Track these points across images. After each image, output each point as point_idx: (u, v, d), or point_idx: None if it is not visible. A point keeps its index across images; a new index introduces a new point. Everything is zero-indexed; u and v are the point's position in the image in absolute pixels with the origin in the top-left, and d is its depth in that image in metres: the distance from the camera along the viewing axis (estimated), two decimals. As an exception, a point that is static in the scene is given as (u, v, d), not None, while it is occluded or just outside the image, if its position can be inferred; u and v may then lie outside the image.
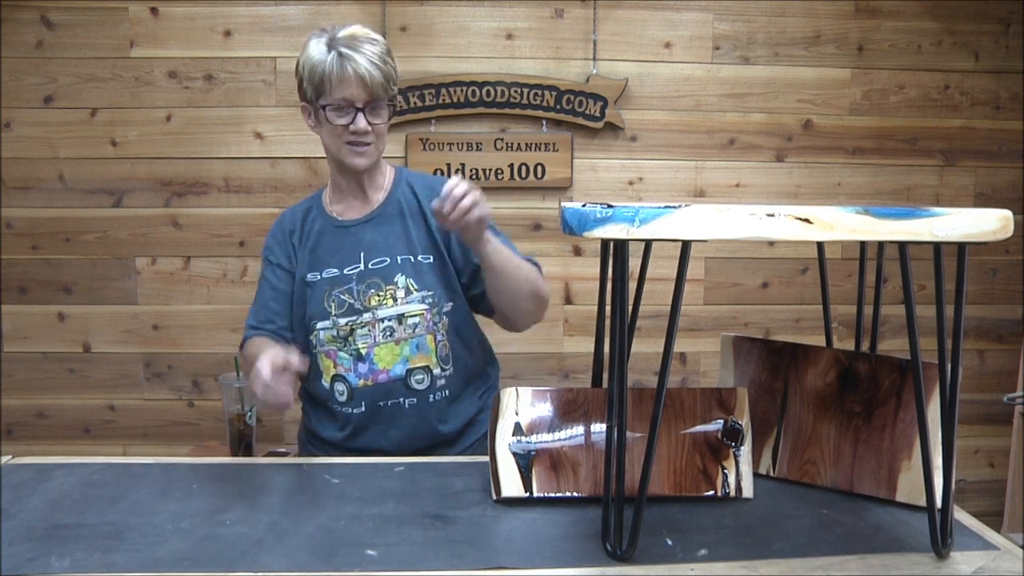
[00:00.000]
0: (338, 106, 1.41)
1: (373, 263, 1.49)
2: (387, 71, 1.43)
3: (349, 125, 1.42)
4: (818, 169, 2.55)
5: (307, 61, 1.42)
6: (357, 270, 1.49)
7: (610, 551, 1.02)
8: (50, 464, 1.32)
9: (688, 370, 2.61)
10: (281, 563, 0.99)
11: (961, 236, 0.94)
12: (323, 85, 1.41)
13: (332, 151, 1.48)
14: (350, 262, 1.50)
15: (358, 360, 1.47)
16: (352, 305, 1.47)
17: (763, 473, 1.28)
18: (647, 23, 2.46)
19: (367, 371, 1.47)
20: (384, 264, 1.49)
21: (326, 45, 1.40)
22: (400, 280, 1.48)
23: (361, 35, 1.42)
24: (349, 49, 1.39)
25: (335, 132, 1.44)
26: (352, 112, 1.41)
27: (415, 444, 1.49)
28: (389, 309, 1.46)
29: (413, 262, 1.49)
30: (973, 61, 2.54)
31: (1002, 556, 1.04)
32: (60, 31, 2.39)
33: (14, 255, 2.46)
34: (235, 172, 2.46)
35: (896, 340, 2.54)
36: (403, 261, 1.49)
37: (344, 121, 1.42)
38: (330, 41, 1.40)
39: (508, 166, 2.45)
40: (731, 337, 1.35)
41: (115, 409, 2.53)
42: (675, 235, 0.90)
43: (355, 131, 1.42)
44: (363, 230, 1.52)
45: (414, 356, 1.47)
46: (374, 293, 1.47)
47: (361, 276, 1.48)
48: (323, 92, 1.41)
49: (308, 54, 1.42)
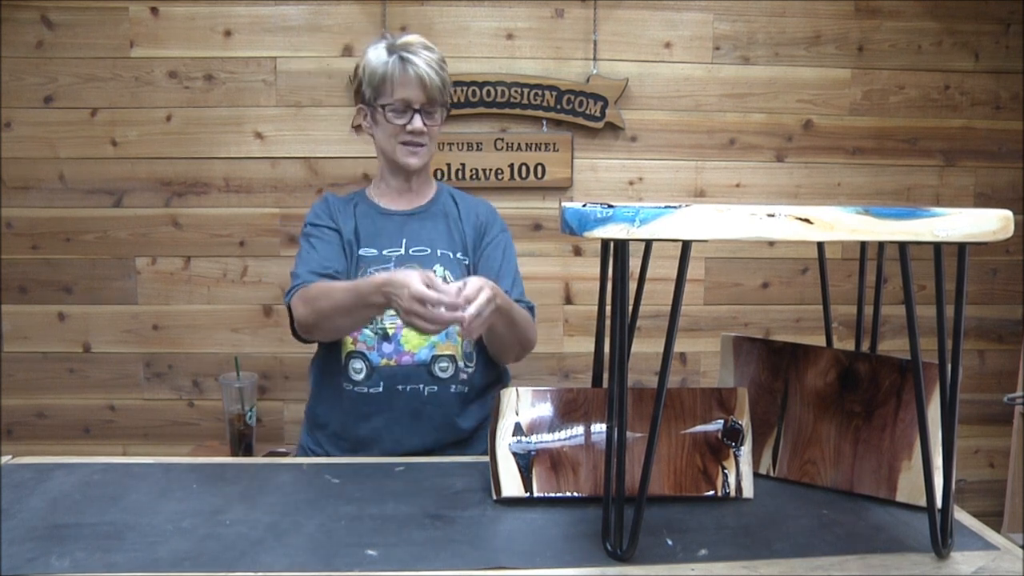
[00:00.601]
0: (396, 107, 1.50)
1: (414, 250, 1.54)
2: (444, 76, 1.53)
3: (406, 125, 1.51)
4: (818, 169, 2.55)
5: (367, 65, 1.52)
6: (397, 253, 1.53)
7: (610, 551, 1.02)
8: (50, 464, 1.32)
9: (688, 370, 2.61)
10: (281, 563, 0.99)
11: (961, 236, 0.94)
12: (383, 86, 1.50)
13: (387, 150, 1.56)
14: (391, 245, 1.54)
15: (383, 339, 1.48)
16: None
17: (763, 473, 1.28)
18: (647, 23, 2.46)
19: (392, 351, 1.48)
20: (425, 253, 1.53)
21: (386, 50, 1.51)
22: (439, 270, 1.52)
23: (418, 42, 1.52)
24: (409, 53, 1.49)
25: (391, 131, 1.52)
26: (410, 113, 1.51)
27: (427, 436, 1.49)
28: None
29: (452, 258, 1.55)
30: (973, 61, 2.54)
31: (1002, 556, 1.04)
32: (60, 31, 2.38)
33: (14, 255, 2.46)
34: (235, 172, 2.46)
35: (896, 340, 2.54)
36: (443, 255, 1.54)
37: (402, 121, 1.51)
38: (390, 47, 1.51)
39: (508, 166, 2.44)
40: (731, 337, 1.35)
41: (115, 409, 2.53)
42: (675, 235, 0.90)
43: (412, 131, 1.51)
44: (407, 220, 1.58)
45: (442, 343, 1.49)
46: None
47: (400, 260, 1.52)
48: (382, 93, 1.51)
49: (368, 59, 1.52)
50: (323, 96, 2.43)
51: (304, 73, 2.42)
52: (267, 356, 2.50)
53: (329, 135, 2.45)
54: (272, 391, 2.53)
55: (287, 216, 2.47)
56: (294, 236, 2.46)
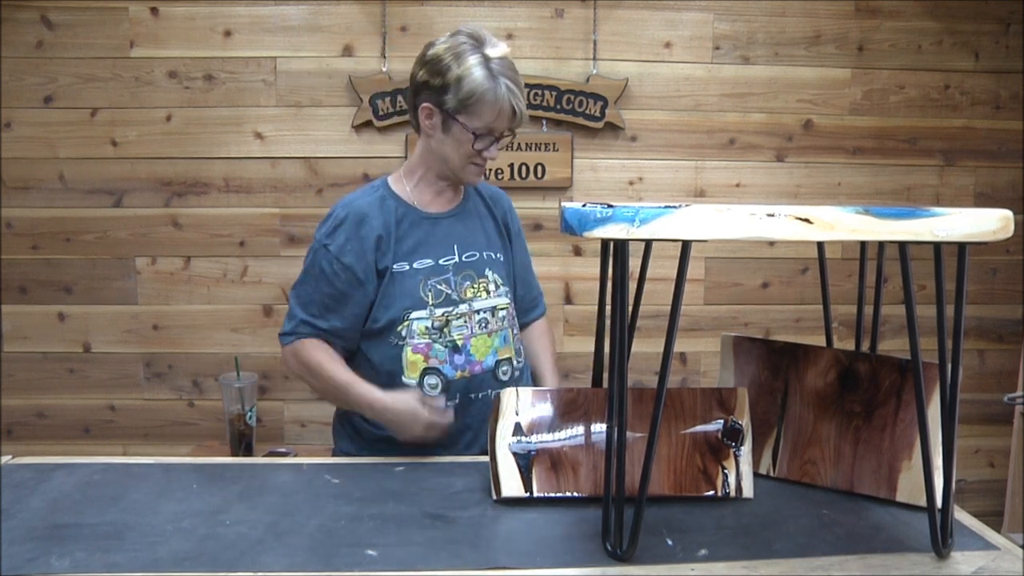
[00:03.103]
0: (483, 133, 1.43)
1: (466, 256, 1.53)
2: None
3: (483, 151, 1.46)
4: (818, 169, 2.55)
5: (466, 76, 1.39)
6: (452, 261, 1.51)
7: (610, 551, 1.02)
8: (50, 464, 1.32)
9: (688, 370, 2.61)
10: (281, 563, 0.99)
11: (961, 236, 0.94)
12: (480, 108, 1.41)
13: (452, 163, 1.48)
14: (445, 253, 1.51)
15: (454, 352, 1.48)
16: (449, 296, 1.48)
17: (763, 473, 1.28)
18: (647, 23, 2.46)
19: (463, 362, 1.48)
20: (475, 258, 1.53)
21: (485, 68, 1.40)
22: (490, 274, 1.53)
23: (511, 63, 1.44)
24: (512, 82, 1.41)
25: (466, 152, 1.46)
26: (492, 140, 1.45)
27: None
28: (484, 301, 1.51)
29: (495, 259, 1.56)
30: (973, 61, 2.54)
31: (1002, 556, 1.04)
32: (60, 31, 2.38)
33: (14, 255, 2.46)
34: (235, 172, 2.46)
35: (896, 340, 2.54)
36: (488, 257, 1.55)
37: (482, 146, 1.45)
38: (487, 62, 1.40)
39: (508, 166, 2.44)
40: (731, 337, 1.35)
41: (115, 409, 2.53)
42: (675, 235, 0.90)
43: (488, 157, 1.47)
44: (453, 223, 1.55)
45: (502, 348, 1.52)
46: (469, 285, 1.51)
47: (457, 267, 1.51)
48: (474, 113, 1.41)
49: (468, 70, 1.39)
50: (323, 96, 2.43)
51: (304, 73, 2.42)
52: (267, 356, 2.50)
53: (329, 135, 2.45)
54: (272, 391, 2.53)
55: (287, 216, 2.47)
56: (294, 236, 2.46)
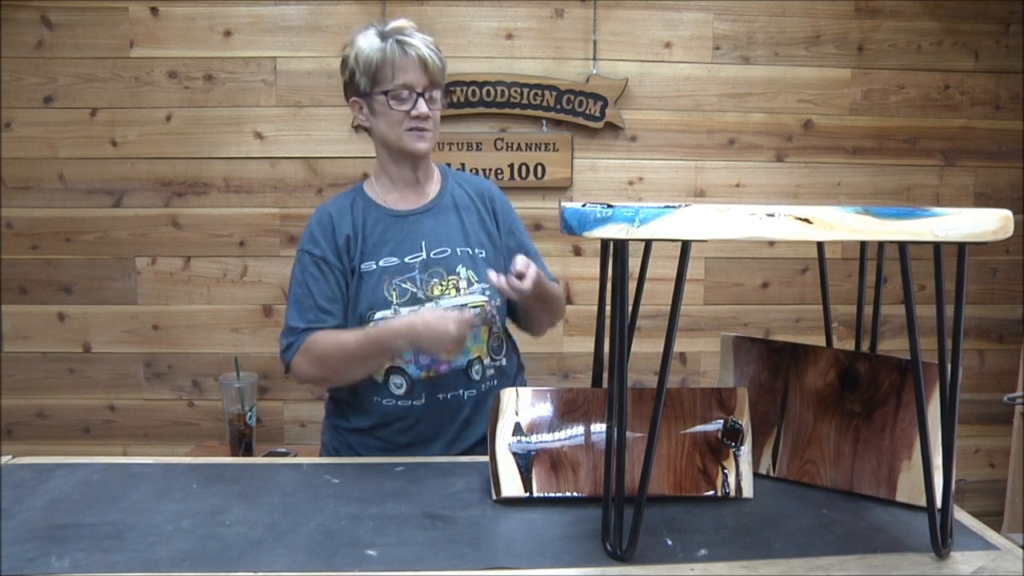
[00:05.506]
0: (398, 93, 1.43)
1: (435, 253, 1.49)
2: (442, 58, 1.47)
3: (410, 110, 1.44)
4: (818, 169, 2.55)
5: (360, 54, 1.44)
6: (420, 259, 1.48)
7: (610, 551, 1.02)
8: (50, 464, 1.32)
9: (688, 370, 2.61)
10: (281, 563, 0.99)
11: (961, 236, 0.94)
12: (382, 72, 1.42)
13: (391, 139, 1.47)
14: (411, 251, 1.49)
15: (419, 351, 1.44)
16: (415, 294, 1.46)
17: (763, 473, 1.28)
18: (647, 23, 2.46)
19: (429, 363, 1.45)
20: (446, 254, 1.49)
21: (378, 36, 1.44)
22: (462, 271, 1.49)
23: (410, 26, 1.46)
24: (405, 36, 1.43)
25: (395, 119, 1.45)
26: (413, 97, 1.44)
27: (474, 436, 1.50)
28: (452, 299, 1.46)
29: (471, 255, 1.51)
30: (973, 61, 2.54)
31: (1002, 556, 1.04)
32: (60, 31, 2.38)
33: (14, 255, 2.46)
34: (235, 172, 2.46)
35: (896, 340, 2.54)
36: (462, 253, 1.50)
37: (406, 107, 1.44)
38: (381, 33, 1.44)
39: (508, 166, 2.44)
40: (731, 337, 1.34)
41: (115, 409, 2.53)
42: (675, 235, 0.90)
43: (417, 115, 1.44)
44: (422, 220, 1.52)
45: (473, 346, 1.48)
46: (437, 283, 1.47)
47: (424, 265, 1.48)
48: (381, 80, 1.43)
49: (359, 47, 1.44)
50: (323, 96, 2.43)
51: (304, 73, 2.42)
52: (267, 356, 2.50)
53: (329, 135, 2.45)
54: (272, 391, 2.53)
55: (287, 216, 2.47)
56: (294, 236, 2.46)
